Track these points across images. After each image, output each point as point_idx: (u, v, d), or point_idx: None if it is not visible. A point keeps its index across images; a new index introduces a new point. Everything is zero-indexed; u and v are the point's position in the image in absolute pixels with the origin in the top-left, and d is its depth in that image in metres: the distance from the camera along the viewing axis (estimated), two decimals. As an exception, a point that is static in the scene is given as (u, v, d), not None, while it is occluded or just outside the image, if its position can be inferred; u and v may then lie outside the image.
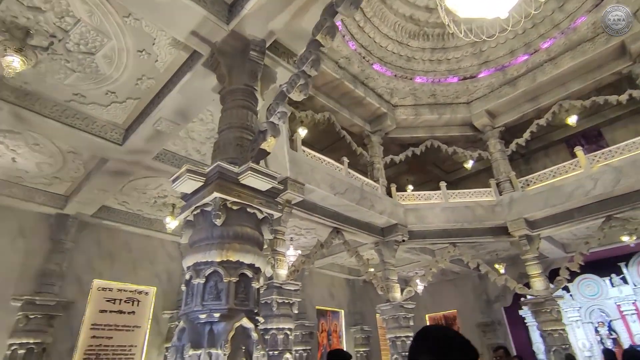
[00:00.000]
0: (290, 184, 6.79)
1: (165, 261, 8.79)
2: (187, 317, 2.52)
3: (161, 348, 8.04)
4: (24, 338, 6.18)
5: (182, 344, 2.45)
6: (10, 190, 6.68)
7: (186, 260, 2.75)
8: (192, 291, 2.59)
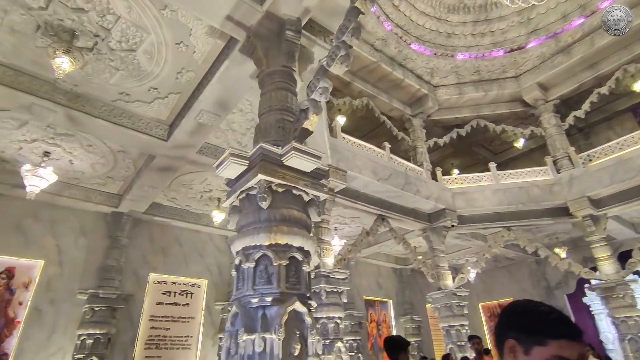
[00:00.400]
0: (332, 171, 6.65)
1: (215, 254, 9.02)
2: (239, 302, 2.47)
3: (215, 338, 8.27)
4: (90, 329, 6.58)
5: (235, 329, 2.40)
6: (70, 191, 7.12)
7: (235, 245, 2.70)
8: (243, 276, 2.54)
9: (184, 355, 7.74)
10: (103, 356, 6.56)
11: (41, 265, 6.79)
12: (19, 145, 5.79)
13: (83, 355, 6.39)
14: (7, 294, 6.39)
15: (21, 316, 6.38)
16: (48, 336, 6.47)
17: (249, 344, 2.21)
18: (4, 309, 6.28)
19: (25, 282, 6.58)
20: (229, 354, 2.37)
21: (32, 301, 6.53)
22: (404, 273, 12.93)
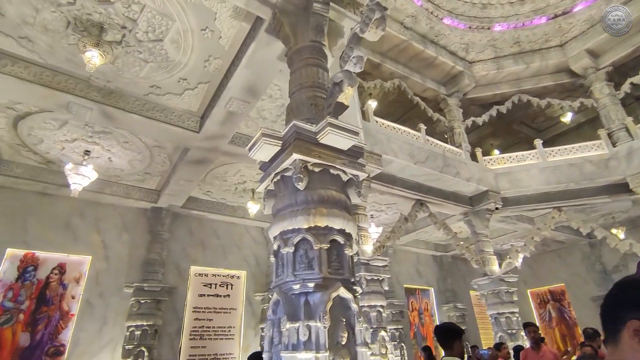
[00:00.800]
0: (366, 155, 6.43)
1: (252, 246, 9.07)
2: (280, 289, 2.34)
3: (257, 328, 8.34)
4: (138, 321, 6.79)
5: (277, 317, 2.27)
6: (112, 189, 7.34)
7: (272, 230, 2.56)
8: (282, 261, 2.40)
9: (228, 346, 7.85)
10: (151, 347, 6.76)
11: (89, 261, 7.07)
12: (61, 145, 5.99)
13: (132, 346, 6.61)
14: (61, 288, 6.70)
15: (74, 309, 6.68)
16: (100, 328, 6.75)
17: (292, 333, 2.07)
18: (58, 303, 6.60)
19: (76, 277, 6.88)
20: (272, 343, 2.25)
21: (83, 295, 6.82)
22: (445, 260, 12.49)
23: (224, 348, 7.80)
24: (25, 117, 5.38)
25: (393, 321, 10.17)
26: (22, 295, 6.37)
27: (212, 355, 7.62)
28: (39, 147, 6.09)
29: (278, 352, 2.15)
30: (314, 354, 1.95)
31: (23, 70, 4.34)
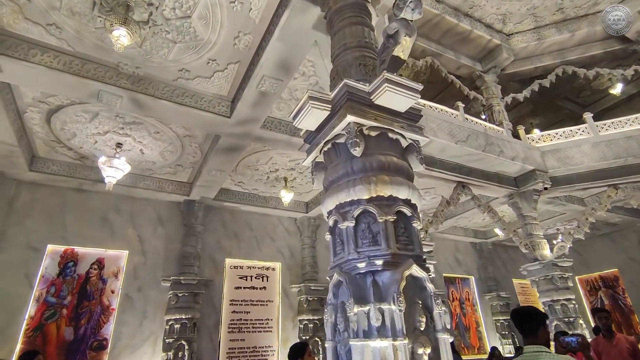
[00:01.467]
0: (404, 136, 6.06)
1: (285, 237, 8.87)
2: (340, 269, 2.05)
3: (295, 320, 8.15)
4: (176, 314, 6.72)
5: (340, 302, 1.98)
6: (145, 182, 7.29)
7: (326, 204, 2.27)
8: (341, 238, 2.10)
9: (266, 338, 7.70)
10: (191, 340, 6.69)
11: (126, 255, 7.06)
12: (93, 139, 5.94)
13: (172, 340, 6.56)
14: (100, 283, 6.72)
15: (114, 304, 6.68)
16: (140, 322, 6.73)
17: (362, 318, 1.78)
18: (99, 298, 6.62)
19: (114, 272, 6.88)
20: (337, 331, 1.96)
21: (123, 289, 6.81)
22: (485, 247, 11.89)
23: (263, 341, 7.66)
24: (58, 111, 5.33)
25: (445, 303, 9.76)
26: (64, 290, 6.42)
27: (251, 348, 7.49)
28: (73, 142, 6.07)
29: (345, 340, 1.86)
30: (391, 341, 1.65)
31: (53, 60, 4.23)
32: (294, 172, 7.34)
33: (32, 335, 5.97)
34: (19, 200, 6.58)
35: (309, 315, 8.02)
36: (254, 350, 7.50)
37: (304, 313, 8.08)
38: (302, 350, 3.34)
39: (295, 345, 3.47)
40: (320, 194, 8.40)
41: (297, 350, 3.34)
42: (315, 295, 8.23)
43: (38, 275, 6.31)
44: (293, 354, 3.32)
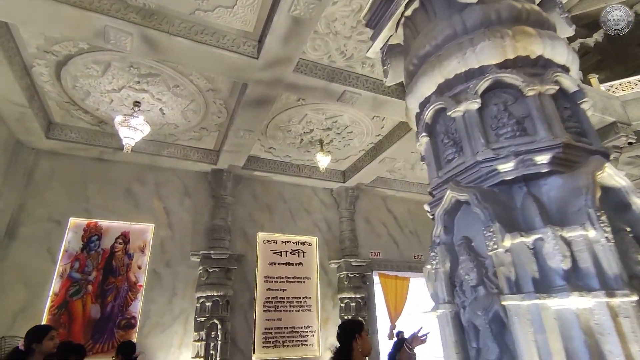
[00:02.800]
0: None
1: (321, 209, 8.12)
2: (457, 183, 1.21)
3: (335, 299, 7.44)
4: (207, 291, 6.16)
5: (458, 238, 1.15)
6: (168, 150, 6.70)
7: (417, 89, 1.42)
8: (453, 134, 1.25)
9: (305, 318, 7.05)
10: (224, 319, 6.12)
11: (152, 229, 6.54)
12: (109, 97, 5.34)
13: (204, 318, 6.01)
14: (126, 258, 6.24)
15: (142, 280, 6.20)
16: (169, 299, 6.22)
17: (525, 256, 0.93)
18: (125, 274, 6.14)
19: (140, 246, 6.38)
20: (458, 287, 1.14)
21: (150, 265, 6.31)
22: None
23: (302, 320, 7.01)
24: (67, 63, 4.73)
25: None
26: (89, 265, 5.98)
27: (289, 329, 6.86)
28: (87, 103, 5.50)
29: (480, 300, 1.04)
30: (600, 297, 0.81)
31: (49, -12, 3.56)
32: (331, 133, 6.50)
33: (57, 312, 5.57)
34: (37, 170, 6.15)
35: (350, 293, 7.27)
36: (292, 330, 6.87)
37: (344, 291, 7.35)
38: (359, 327, 2.57)
39: (350, 322, 2.71)
40: (359, 159, 7.54)
41: (353, 327, 2.57)
42: (357, 271, 7.46)
43: (61, 250, 5.89)
44: (347, 330, 2.55)
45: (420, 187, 8.91)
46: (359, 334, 2.49)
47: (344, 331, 2.55)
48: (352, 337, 2.47)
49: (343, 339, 2.52)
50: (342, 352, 2.45)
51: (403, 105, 5.71)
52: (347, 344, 2.46)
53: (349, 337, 2.48)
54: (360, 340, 2.47)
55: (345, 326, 2.62)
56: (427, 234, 9.00)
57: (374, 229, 8.47)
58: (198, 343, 5.89)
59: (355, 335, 2.48)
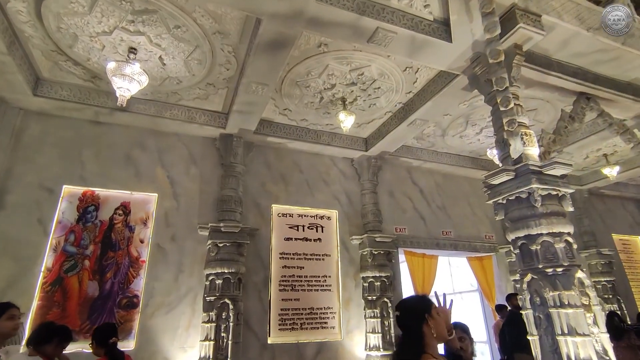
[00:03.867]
0: (519, 14, 4.21)
1: (341, 180, 7.36)
2: None
3: (357, 278, 6.76)
4: (218, 268, 5.51)
5: None
6: (172, 112, 5.98)
7: None
8: None
9: (325, 299, 6.39)
10: (236, 298, 5.49)
11: (155, 199, 5.88)
12: (99, 42, 4.58)
13: (214, 297, 5.38)
14: (127, 231, 5.60)
15: (144, 255, 5.57)
16: (175, 276, 5.60)
17: None
18: (126, 248, 5.52)
19: (142, 218, 5.73)
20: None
21: (153, 238, 5.67)
22: (579, 197, 9.77)
23: (321, 301, 6.35)
24: (46, -4, 3.97)
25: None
26: (85, 238, 5.35)
27: (308, 310, 6.21)
28: (76, 51, 4.76)
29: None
30: None
31: None
32: (355, 90, 5.68)
33: (50, 289, 4.98)
34: (26, 133, 5.49)
35: (375, 272, 6.57)
36: (310, 312, 6.22)
37: (368, 269, 6.65)
38: (428, 304, 1.82)
39: (413, 299, 1.95)
40: (385, 124, 6.73)
41: (419, 305, 1.82)
42: (381, 248, 6.74)
43: (54, 221, 5.26)
44: (412, 311, 1.80)
45: (449, 157, 8.08)
46: (429, 313, 1.76)
47: (408, 312, 1.81)
48: (421, 320, 1.74)
49: (408, 324, 1.78)
50: (410, 344, 1.72)
51: (446, 49, 4.88)
52: (414, 331, 1.73)
53: (417, 320, 1.74)
54: (433, 321, 1.74)
55: (407, 305, 1.87)
56: (455, 209, 8.23)
57: (398, 203, 7.70)
58: (208, 325, 5.27)
59: (424, 315, 1.75)
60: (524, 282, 3.79)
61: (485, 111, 6.42)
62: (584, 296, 3.50)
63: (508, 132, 3.88)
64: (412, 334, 1.74)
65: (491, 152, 6.83)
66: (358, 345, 6.33)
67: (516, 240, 3.92)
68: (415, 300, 1.91)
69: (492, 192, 4.23)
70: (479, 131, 7.05)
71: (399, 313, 1.83)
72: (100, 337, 3.25)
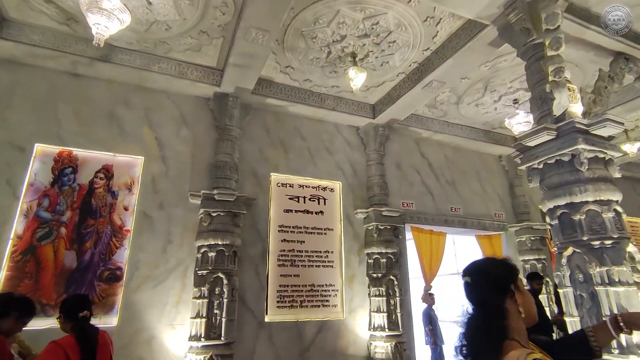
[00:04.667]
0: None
1: (345, 150, 6.80)
2: None
3: (361, 254, 6.29)
4: (211, 239, 4.99)
5: None
6: (160, 65, 5.31)
7: None
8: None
9: (327, 275, 5.93)
10: (230, 273, 5.00)
11: (142, 162, 5.28)
12: (72, -30, 3.90)
13: (207, 271, 4.88)
14: (109, 196, 5.03)
15: (129, 224, 5.02)
16: (163, 247, 5.07)
17: None
18: (108, 215, 4.95)
19: (127, 183, 5.15)
20: None
21: (139, 205, 5.11)
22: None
23: (323, 278, 5.89)
24: None
25: (532, 250, 7.69)
26: (62, 203, 4.77)
27: (309, 287, 5.75)
28: (46, -18, 4.06)
29: None
30: None
31: None
32: (367, 43, 5.05)
33: (20, 259, 4.41)
34: (-8, 83, 4.82)
35: (380, 248, 6.11)
36: (311, 289, 5.76)
37: (373, 245, 6.18)
38: (513, 273, 1.28)
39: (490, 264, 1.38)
40: (396, 87, 6.14)
41: (502, 273, 1.27)
42: (388, 222, 6.26)
43: (25, 183, 4.65)
44: (491, 281, 1.26)
45: (461, 129, 7.53)
46: (514, 284, 1.23)
47: (485, 280, 1.27)
48: (504, 292, 1.22)
49: (483, 297, 1.25)
50: (485, 326, 1.18)
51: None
52: (494, 307, 1.20)
53: (498, 292, 1.22)
54: (520, 296, 1.22)
55: (484, 270, 1.32)
56: (465, 185, 7.74)
57: (405, 176, 7.19)
58: (199, 300, 4.79)
59: (509, 286, 1.22)
60: (563, 257, 3.32)
61: (507, 75, 5.85)
62: (636, 272, 3.03)
63: (553, 83, 3.32)
64: (490, 311, 1.21)
65: (509, 122, 6.29)
66: (361, 325, 5.91)
67: (554, 209, 3.42)
68: (496, 264, 1.35)
69: (525, 156, 3.71)
70: (497, 99, 6.48)
71: (470, 280, 1.30)
72: (69, 310, 2.68)
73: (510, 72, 5.75)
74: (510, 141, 8.11)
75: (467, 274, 1.31)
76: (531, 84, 3.84)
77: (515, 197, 8.16)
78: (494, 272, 1.29)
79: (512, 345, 1.14)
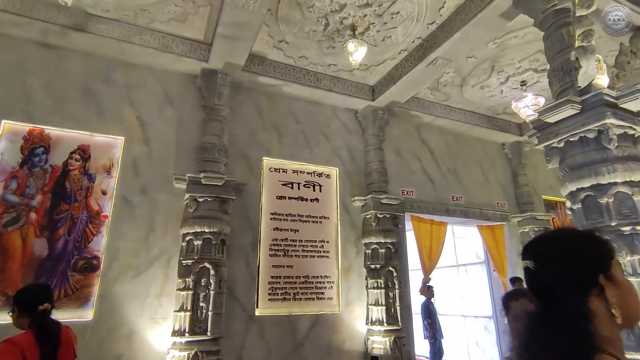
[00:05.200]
0: None
1: (343, 134, 6.41)
2: None
3: (359, 244, 5.94)
4: (197, 226, 4.60)
5: None
6: (142, 37, 4.86)
7: None
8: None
9: (322, 266, 5.58)
10: (218, 263, 4.62)
11: (122, 143, 4.85)
12: None
13: (192, 261, 4.50)
14: (85, 179, 4.60)
15: (107, 209, 4.60)
16: (145, 235, 4.67)
17: None
18: (84, 200, 4.53)
19: (105, 165, 4.72)
20: None
21: (118, 190, 4.69)
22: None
23: (318, 269, 5.54)
24: None
25: (535, 241, 7.33)
26: (32, 186, 4.34)
27: (302, 278, 5.40)
28: None
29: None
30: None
31: None
32: (369, 14, 4.64)
33: (-16, 246, 4.00)
34: (-47, 52, 4.34)
35: (379, 238, 5.76)
36: (305, 280, 5.41)
37: (371, 234, 5.83)
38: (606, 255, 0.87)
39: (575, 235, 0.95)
40: (397, 67, 5.75)
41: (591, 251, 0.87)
42: (387, 211, 5.90)
43: (-11, 163, 4.22)
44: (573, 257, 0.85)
45: (463, 114, 7.17)
46: (604, 274, 0.84)
47: (559, 266, 0.86)
48: (587, 287, 0.82)
49: (552, 294, 0.84)
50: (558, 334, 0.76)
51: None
52: (572, 306, 0.80)
53: (576, 290, 0.82)
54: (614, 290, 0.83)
55: (553, 253, 0.89)
56: (467, 173, 7.41)
57: (405, 163, 6.82)
58: (183, 292, 4.41)
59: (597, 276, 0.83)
60: (587, 244, 2.97)
61: (516, 54, 5.48)
62: (671, 263, 2.70)
63: (581, 49, 2.95)
64: (566, 312, 0.83)
65: (516, 105, 5.94)
66: (358, 319, 5.58)
67: (577, 192, 3.07)
68: (576, 240, 0.90)
69: (543, 134, 3.35)
70: (504, 80, 6.12)
71: (533, 265, 0.90)
72: (26, 302, 2.27)
73: (520, 50, 5.38)
74: (514, 128, 7.79)
75: (529, 256, 0.92)
76: (550, 56, 3.47)
77: (519, 186, 7.85)
78: (572, 256, 0.87)
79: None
